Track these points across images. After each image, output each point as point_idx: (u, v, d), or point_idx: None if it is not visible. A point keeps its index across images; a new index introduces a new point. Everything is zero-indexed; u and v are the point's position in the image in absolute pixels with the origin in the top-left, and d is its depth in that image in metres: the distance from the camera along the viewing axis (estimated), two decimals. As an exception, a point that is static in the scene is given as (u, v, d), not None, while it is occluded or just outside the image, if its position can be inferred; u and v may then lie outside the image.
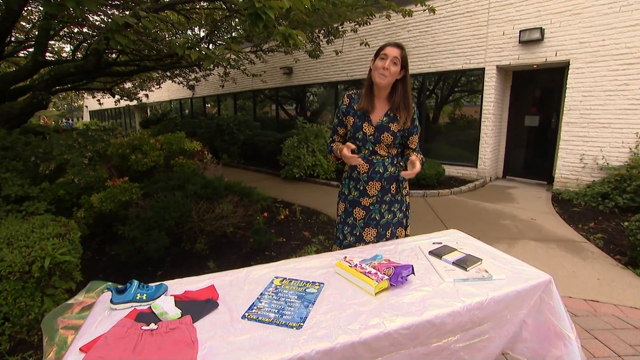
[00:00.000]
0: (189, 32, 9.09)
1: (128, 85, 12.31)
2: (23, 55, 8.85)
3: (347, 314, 1.16)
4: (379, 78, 1.76)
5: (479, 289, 1.29)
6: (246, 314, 1.14)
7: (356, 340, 1.04)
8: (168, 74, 10.25)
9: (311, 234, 3.60)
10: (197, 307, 1.18)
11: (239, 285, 1.34)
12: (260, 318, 1.12)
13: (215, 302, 1.22)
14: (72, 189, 3.12)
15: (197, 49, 3.09)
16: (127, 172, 3.66)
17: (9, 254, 1.79)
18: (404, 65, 1.77)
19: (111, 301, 1.23)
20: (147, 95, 12.92)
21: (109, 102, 15.02)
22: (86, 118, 29.48)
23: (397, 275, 1.33)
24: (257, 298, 1.24)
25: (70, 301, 1.30)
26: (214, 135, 9.71)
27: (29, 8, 7.17)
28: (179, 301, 1.21)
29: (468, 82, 7.43)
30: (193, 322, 1.10)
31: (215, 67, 9.14)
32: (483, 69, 6.78)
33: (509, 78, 7.06)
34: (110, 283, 1.40)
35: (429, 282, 1.37)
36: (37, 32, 6.64)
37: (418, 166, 1.71)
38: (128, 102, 12.56)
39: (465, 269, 1.45)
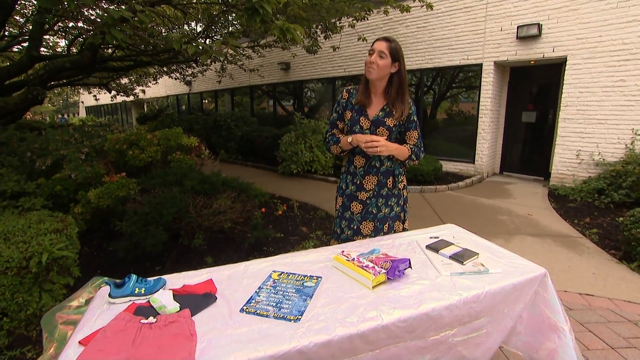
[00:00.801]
0: (186, 27, 9.03)
1: (124, 80, 12.22)
2: (17, 50, 8.74)
3: (344, 307, 1.17)
4: (367, 73, 1.79)
5: (475, 283, 1.31)
6: (244, 308, 1.15)
7: (354, 333, 1.05)
8: (165, 69, 10.18)
9: (309, 230, 3.61)
10: (196, 300, 1.19)
11: (237, 279, 1.35)
12: (258, 311, 1.13)
13: (213, 295, 1.22)
14: (69, 184, 3.10)
15: (194, 44, 3.07)
16: (124, 167, 3.64)
17: (6, 249, 1.79)
18: (396, 57, 1.76)
19: (110, 295, 1.23)
20: (143, 91, 12.84)
21: (105, 97, 14.93)
22: (82, 114, 29.27)
23: (395, 269, 1.34)
24: (256, 292, 1.25)
25: (72, 302, 1.30)
26: (211, 131, 9.67)
27: (23, 2, 7.08)
28: (178, 295, 1.21)
29: (466, 78, 7.43)
30: (191, 316, 1.11)
31: (212, 63, 9.09)
32: (481, 65, 6.79)
33: (506, 74, 7.07)
34: (107, 278, 1.41)
35: (425, 275, 1.38)
36: (31, 27, 6.57)
37: (392, 145, 1.77)
38: (124, 98, 12.49)
39: (462, 263, 1.46)
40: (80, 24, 6.87)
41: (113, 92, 11.58)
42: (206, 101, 15.53)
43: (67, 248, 1.99)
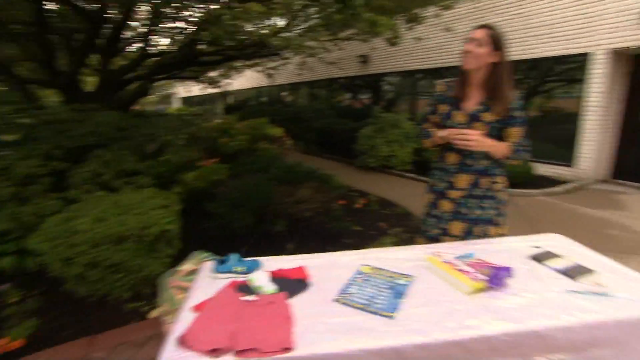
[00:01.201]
0: (268, 21, 9.42)
1: (213, 74, 13.26)
2: (130, 50, 9.98)
3: (441, 310, 1.11)
4: (463, 63, 1.68)
5: (596, 305, 1.13)
6: (338, 298, 1.16)
7: (452, 340, 1.00)
8: (249, 63, 10.79)
9: (388, 225, 3.54)
10: (291, 285, 1.23)
11: (328, 269, 1.37)
12: (352, 303, 1.13)
13: (307, 282, 1.26)
14: (170, 167, 3.47)
15: (285, 38, 3.20)
16: (216, 153, 3.97)
17: (129, 218, 2.08)
18: (497, 46, 1.62)
19: (213, 270, 1.34)
20: (229, 83, 13.80)
21: (195, 89, 16.42)
22: (175, 105, 32.53)
23: (497, 277, 1.24)
24: (348, 283, 1.25)
25: (180, 267, 1.48)
26: (290, 123, 10.01)
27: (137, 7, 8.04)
28: (274, 278, 1.27)
29: (566, 70, 6.55)
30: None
31: (294, 56, 9.39)
32: (588, 54, 5.90)
33: (623, 64, 6.02)
34: (209, 253, 1.56)
35: (530, 288, 1.24)
36: (143, 29, 7.46)
37: (487, 140, 1.63)
38: (213, 90, 13.57)
39: (573, 279, 1.29)
40: (180, 24, 7.60)
41: (203, 85, 12.67)
42: (286, 93, 16.14)
43: (172, 223, 2.24)
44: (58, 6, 5.21)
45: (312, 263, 1.41)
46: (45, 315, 2.21)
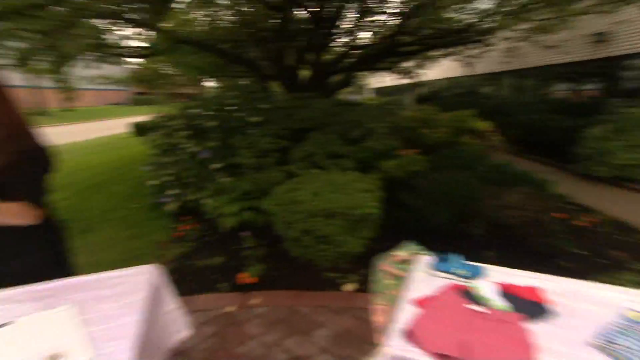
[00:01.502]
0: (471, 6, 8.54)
1: (407, 64, 13.24)
2: (335, 45, 11.07)
3: None
4: None
5: None
6: (603, 345, 0.91)
7: None
8: (445, 51, 10.18)
9: (626, 256, 2.67)
10: (526, 306, 1.06)
11: (572, 300, 1.10)
12: (622, 358, 0.86)
13: (548, 309, 1.05)
14: (371, 153, 3.66)
15: (501, 19, 2.80)
16: (415, 144, 3.93)
17: (339, 197, 2.31)
18: None
19: (432, 267, 1.29)
20: (423, 74, 13.51)
21: (387, 80, 16.88)
22: (366, 95, 34.49)
23: None
24: (611, 329, 0.96)
25: (393, 253, 1.52)
26: (489, 117, 8.92)
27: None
28: (504, 292, 1.12)
29: None
30: (524, 323, 0.99)
31: (501, 42, 8.24)
32: None
33: None
34: (422, 246, 1.54)
35: None
36: (349, 25, 8.11)
37: None
38: (404, 81, 13.58)
39: None
40: (381, 17, 7.85)
41: (396, 75, 12.84)
42: (483, 84, 14.60)
43: (375, 207, 2.34)
44: (294, 14, 6.27)
45: (549, 286, 1.17)
46: (268, 263, 2.75)
